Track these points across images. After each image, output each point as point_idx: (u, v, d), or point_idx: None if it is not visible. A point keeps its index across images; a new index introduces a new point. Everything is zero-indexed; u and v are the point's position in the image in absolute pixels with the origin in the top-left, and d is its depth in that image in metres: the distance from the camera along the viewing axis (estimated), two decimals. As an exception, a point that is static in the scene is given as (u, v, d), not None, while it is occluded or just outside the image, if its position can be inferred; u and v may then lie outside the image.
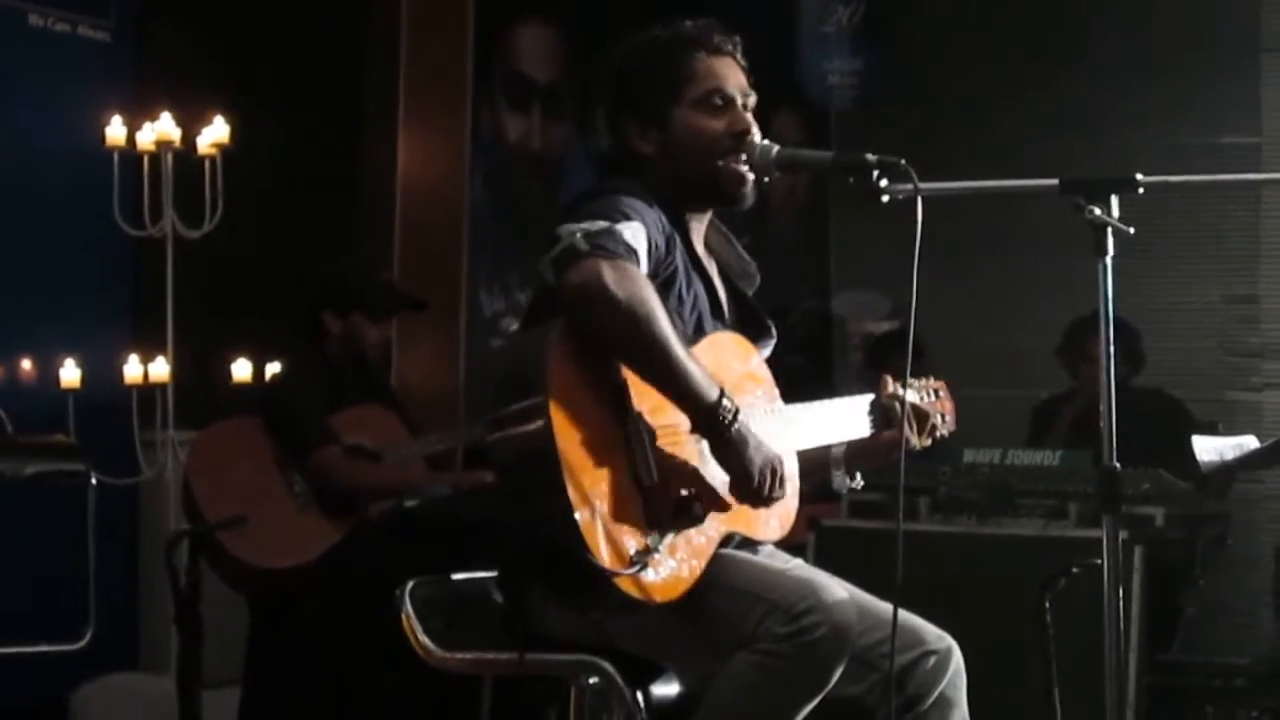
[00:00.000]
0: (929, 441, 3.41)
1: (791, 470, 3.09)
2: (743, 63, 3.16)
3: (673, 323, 2.81)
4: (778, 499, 2.91)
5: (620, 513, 2.73)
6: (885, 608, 2.91)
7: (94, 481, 5.28)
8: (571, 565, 2.69)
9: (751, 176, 3.09)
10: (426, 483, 5.42)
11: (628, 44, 3.17)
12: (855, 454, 3.29)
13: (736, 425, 2.82)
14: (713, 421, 2.82)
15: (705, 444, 2.87)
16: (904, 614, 2.92)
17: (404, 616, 3.05)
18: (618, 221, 2.82)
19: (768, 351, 3.20)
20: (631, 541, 2.73)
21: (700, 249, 3.16)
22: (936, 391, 3.48)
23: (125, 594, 6.31)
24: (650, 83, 3.10)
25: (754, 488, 2.86)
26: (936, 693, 3.01)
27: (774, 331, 3.23)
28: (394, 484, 5.35)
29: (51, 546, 5.56)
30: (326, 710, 5.13)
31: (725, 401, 2.81)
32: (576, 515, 2.66)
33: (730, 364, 3.00)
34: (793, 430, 3.08)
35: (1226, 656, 5.42)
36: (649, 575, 2.73)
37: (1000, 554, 5.09)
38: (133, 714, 5.80)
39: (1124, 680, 2.99)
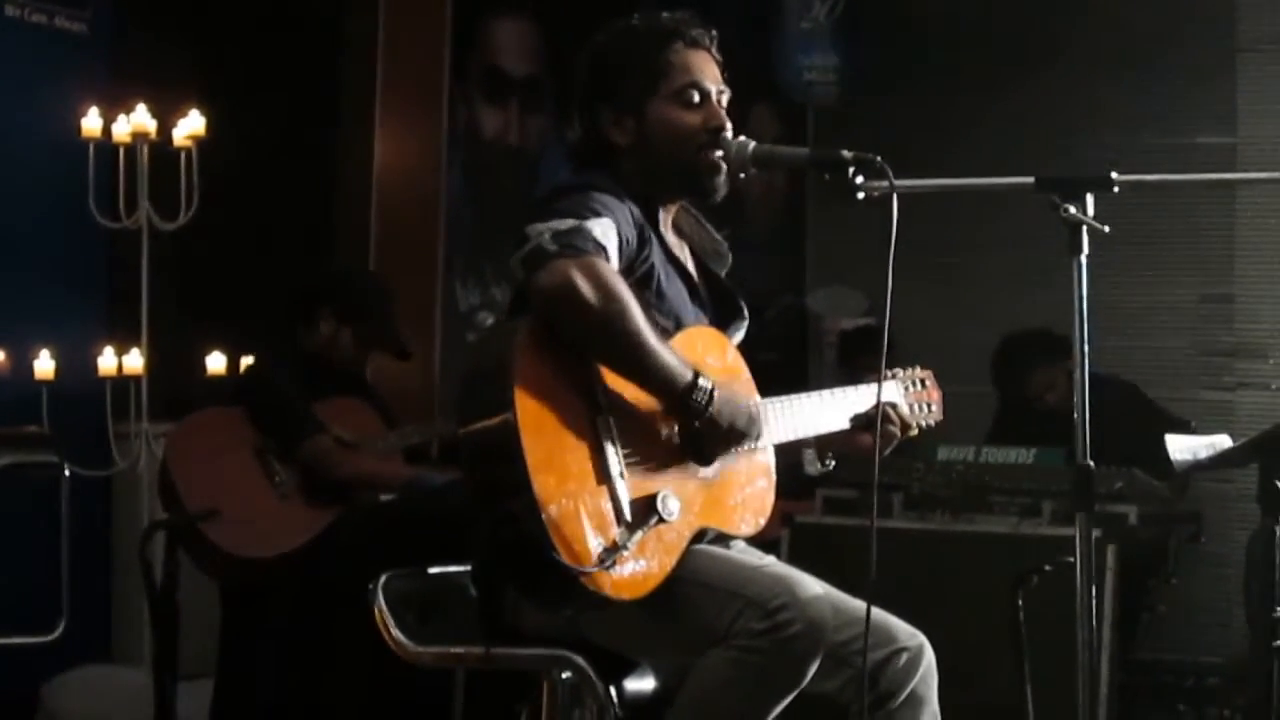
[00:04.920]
0: (914, 433, 3.40)
1: (768, 465, 3.10)
2: (718, 57, 3.16)
3: (649, 317, 2.82)
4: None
5: (587, 510, 2.72)
6: (858, 605, 2.91)
7: (67, 473, 5.28)
8: (540, 563, 2.67)
9: (725, 169, 3.10)
10: (416, 475, 5.39)
11: (605, 33, 3.18)
12: (829, 441, 3.28)
13: (713, 407, 2.84)
14: (690, 406, 2.84)
15: (676, 440, 2.88)
16: (876, 611, 2.91)
17: (377, 610, 3.04)
18: (587, 219, 2.82)
19: (740, 333, 3.21)
20: (598, 539, 2.72)
21: (671, 237, 3.17)
22: (923, 381, 3.49)
23: (98, 586, 6.28)
24: (627, 73, 3.10)
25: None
26: (908, 690, 3.01)
27: (746, 313, 3.24)
28: (387, 475, 5.32)
29: (24, 538, 5.53)
30: (299, 704, 5.11)
31: (700, 383, 2.83)
32: (543, 513, 2.66)
33: (705, 359, 2.99)
34: (771, 425, 3.07)
35: (1199, 655, 5.44)
36: (616, 572, 2.73)
37: (973, 551, 5.08)
38: (104, 705, 5.78)
39: (1096, 678, 3.00)
